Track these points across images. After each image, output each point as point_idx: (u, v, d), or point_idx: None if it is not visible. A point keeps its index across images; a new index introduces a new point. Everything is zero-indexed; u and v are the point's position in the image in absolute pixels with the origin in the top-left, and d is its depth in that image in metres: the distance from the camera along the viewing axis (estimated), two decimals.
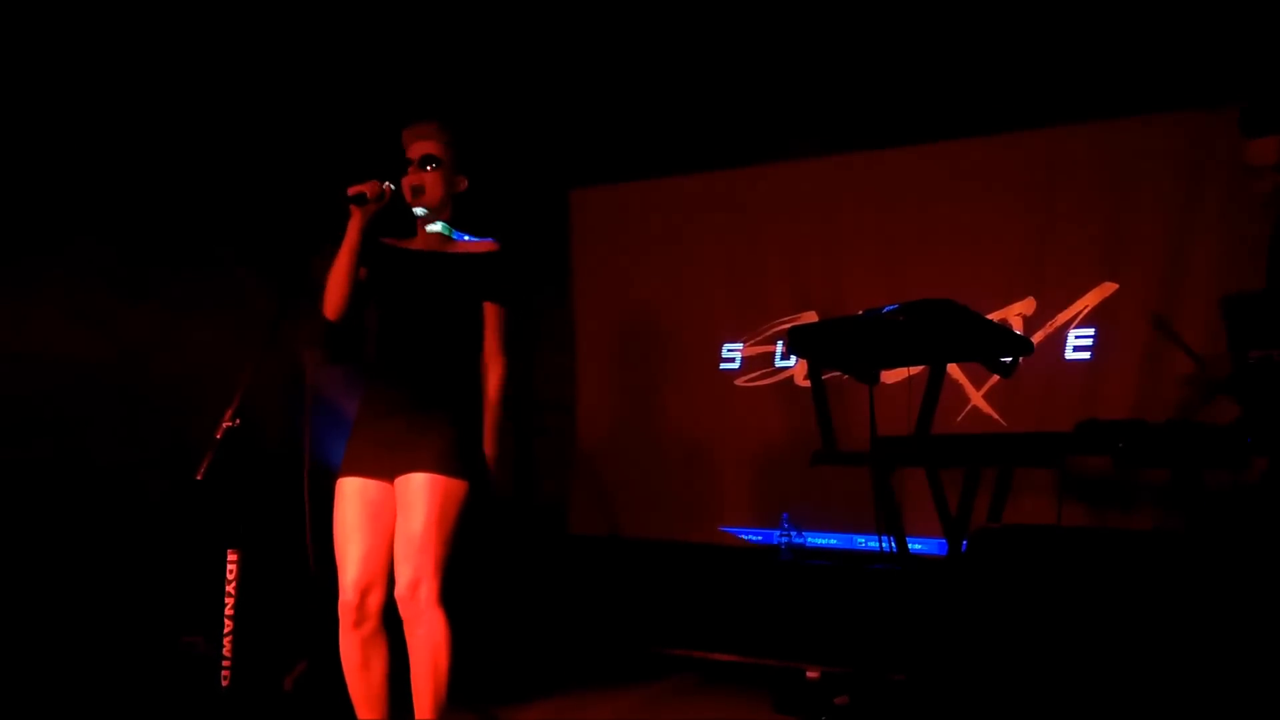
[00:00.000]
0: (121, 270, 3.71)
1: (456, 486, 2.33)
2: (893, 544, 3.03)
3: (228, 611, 2.03)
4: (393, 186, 2.44)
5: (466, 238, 2.58)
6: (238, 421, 1.96)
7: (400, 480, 2.33)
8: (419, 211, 2.52)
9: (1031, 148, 4.10)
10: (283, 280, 3.67)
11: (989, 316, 3.85)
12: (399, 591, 2.28)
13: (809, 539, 4.29)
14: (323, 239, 2.51)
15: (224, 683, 2.01)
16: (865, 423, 2.99)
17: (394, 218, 2.44)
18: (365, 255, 2.46)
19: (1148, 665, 2.21)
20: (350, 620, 2.33)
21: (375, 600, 2.35)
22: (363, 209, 2.39)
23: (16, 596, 3.19)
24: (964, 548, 2.85)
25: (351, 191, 2.38)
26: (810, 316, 4.49)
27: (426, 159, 2.50)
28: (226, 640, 2.04)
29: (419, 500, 2.29)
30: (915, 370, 3.32)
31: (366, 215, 2.40)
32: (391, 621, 2.34)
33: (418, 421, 2.36)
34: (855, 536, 4.21)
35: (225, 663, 2.04)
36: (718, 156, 4.78)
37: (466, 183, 2.58)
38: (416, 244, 2.55)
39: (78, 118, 3.60)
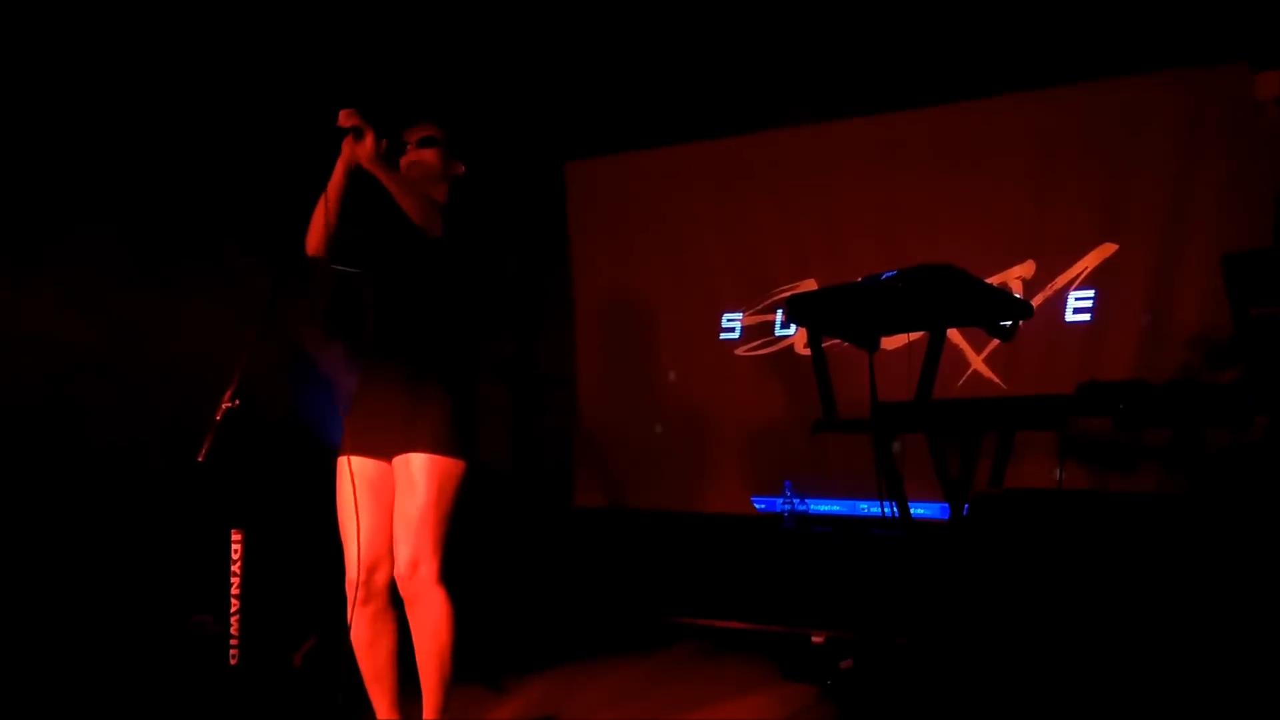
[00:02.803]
0: (118, 254, 3.70)
1: (454, 466, 2.34)
2: (895, 509, 3.04)
3: (234, 591, 2.05)
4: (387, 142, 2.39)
5: None
6: (237, 402, 1.96)
7: (398, 460, 2.35)
8: None
9: (1029, 109, 4.07)
10: (279, 259, 3.66)
11: (989, 280, 3.85)
12: (398, 571, 2.30)
13: (812, 506, 4.31)
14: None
15: (233, 661, 2.03)
16: (866, 389, 2.99)
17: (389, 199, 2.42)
18: (362, 229, 2.45)
19: (1149, 628, 2.22)
20: (358, 598, 2.35)
21: (382, 577, 2.37)
22: (352, 147, 2.31)
23: (24, 581, 3.21)
24: (965, 512, 2.86)
25: (345, 122, 2.31)
26: (809, 284, 4.47)
27: (424, 140, 2.51)
28: (234, 619, 2.05)
29: (417, 481, 2.31)
30: (915, 336, 3.31)
31: (353, 158, 2.33)
32: (400, 597, 2.36)
33: (414, 398, 2.37)
34: (858, 502, 4.22)
35: (233, 641, 2.05)
36: (714, 125, 4.74)
37: (463, 168, 2.59)
38: None
39: (75, 104, 3.57)
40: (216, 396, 2.00)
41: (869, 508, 4.13)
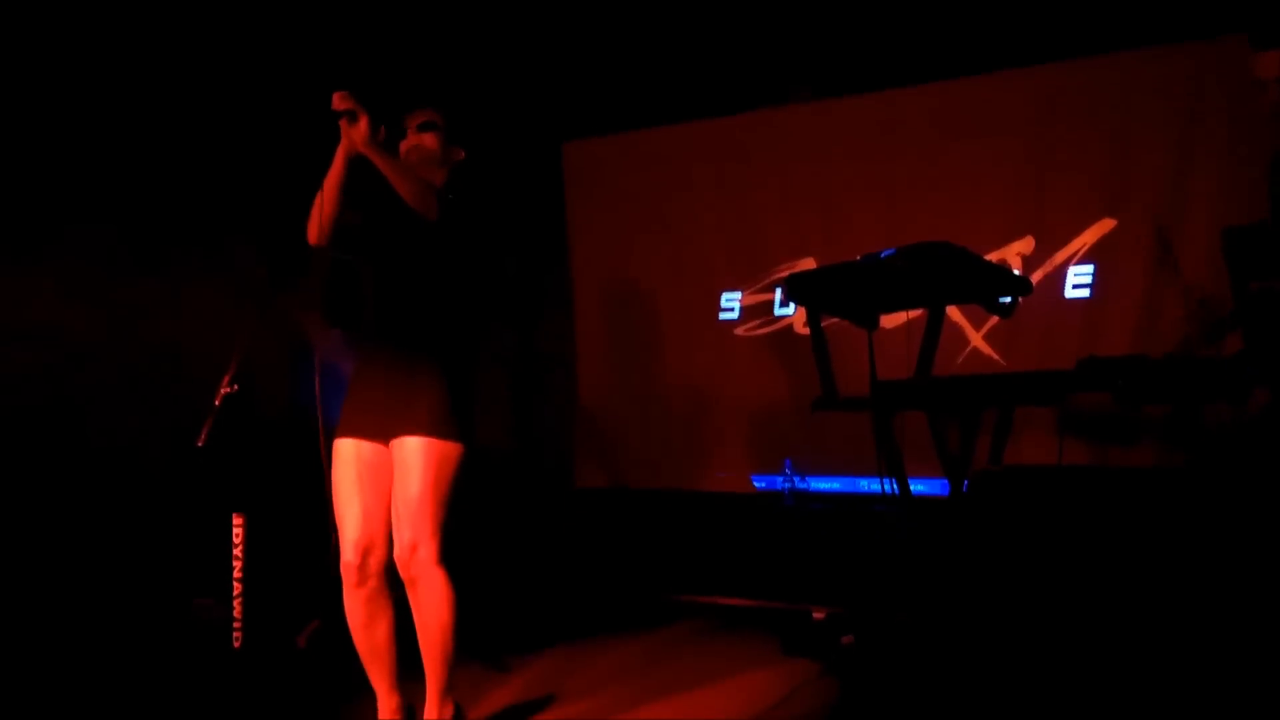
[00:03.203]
0: (117, 244, 3.69)
1: (451, 449, 2.35)
2: (895, 487, 3.05)
3: (236, 574, 2.06)
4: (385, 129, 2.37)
5: None
6: (235, 387, 1.96)
7: (396, 443, 2.35)
8: None
9: (1028, 85, 4.05)
10: (276, 246, 3.65)
11: (988, 257, 3.84)
12: (398, 554, 2.31)
13: (812, 484, 4.32)
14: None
15: (236, 643, 2.04)
16: (865, 367, 2.99)
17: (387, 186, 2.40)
18: (360, 214, 2.44)
19: (1149, 603, 2.23)
20: (352, 580, 2.36)
21: (377, 560, 2.37)
22: (347, 130, 2.29)
23: (30, 566, 3.23)
24: (965, 489, 2.87)
25: (339, 105, 2.28)
26: (808, 263, 4.46)
27: (424, 125, 2.50)
28: (236, 602, 2.07)
29: (414, 464, 2.31)
30: (914, 313, 3.31)
31: (351, 145, 2.31)
32: (397, 578, 2.37)
33: (411, 381, 2.37)
34: (858, 480, 4.23)
35: (236, 624, 2.07)
36: (712, 104, 4.72)
37: (463, 154, 2.58)
38: None
39: (71, 94, 3.56)
40: (216, 383, 2.00)
41: (869, 485, 4.14)
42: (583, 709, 2.81)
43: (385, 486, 2.37)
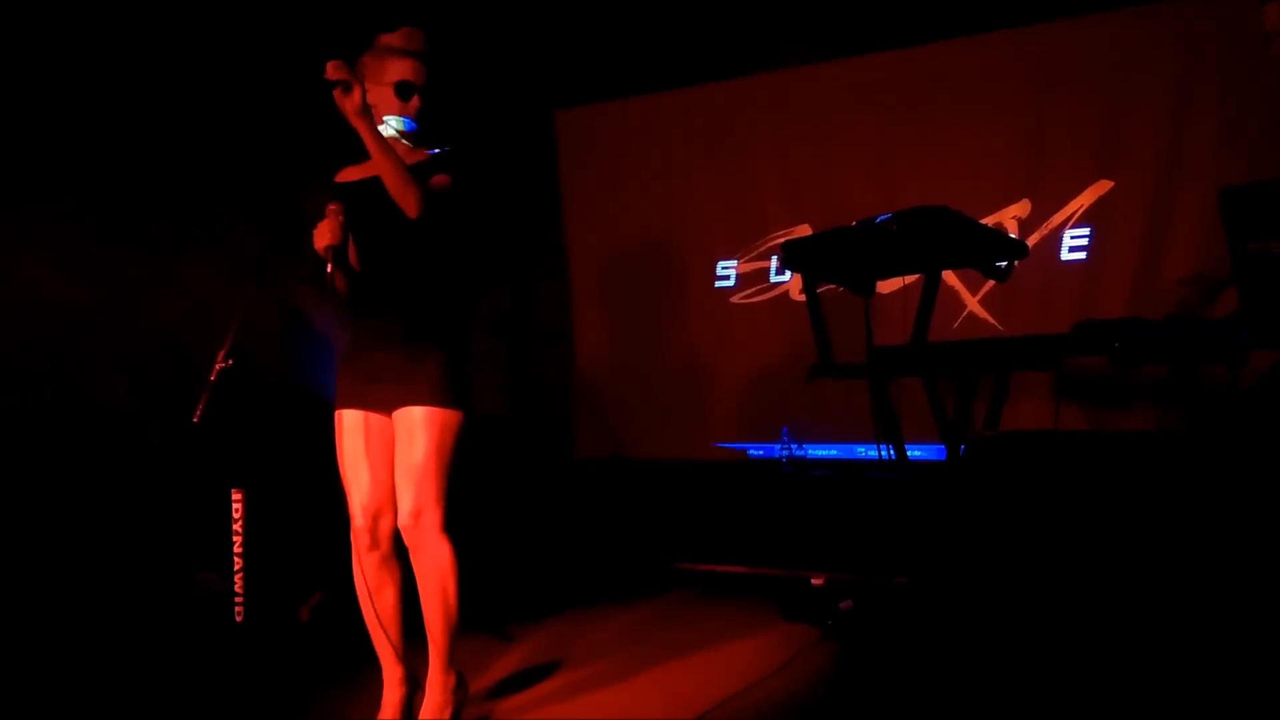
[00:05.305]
0: (110, 215, 3.67)
1: (453, 417, 2.36)
2: (892, 452, 3.06)
3: (236, 549, 2.06)
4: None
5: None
6: (231, 362, 1.95)
7: (399, 414, 2.36)
8: (391, 126, 2.44)
9: (1024, 45, 4.01)
10: (269, 219, 3.63)
11: (984, 221, 3.83)
12: (401, 521, 2.32)
13: (810, 451, 4.33)
14: (309, 177, 2.46)
15: (238, 617, 2.06)
16: (862, 334, 2.99)
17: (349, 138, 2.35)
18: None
19: (1146, 566, 2.25)
20: (363, 544, 2.37)
21: (386, 525, 2.39)
22: (344, 98, 2.24)
23: (30, 546, 3.23)
24: (962, 453, 2.88)
25: (333, 75, 2.24)
26: (804, 229, 4.45)
27: (411, 88, 2.44)
28: (237, 577, 2.08)
29: (418, 432, 2.32)
30: (911, 279, 3.31)
31: (353, 104, 2.25)
32: (404, 547, 2.38)
33: (408, 354, 2.36)
34: (855, 446, 4.25)
35: (238, 598, 2.08)
36: (706, 69, 4.68)
37: (439, 100, 2.55)
38: (371, 171, 2.39)
39: (68, 69, 3.52)
40: (212, 357, 2.00)
41: (866, 451, 4.16)
42: (585, 675, 2.83)
43: (390, 454, 2.38)
